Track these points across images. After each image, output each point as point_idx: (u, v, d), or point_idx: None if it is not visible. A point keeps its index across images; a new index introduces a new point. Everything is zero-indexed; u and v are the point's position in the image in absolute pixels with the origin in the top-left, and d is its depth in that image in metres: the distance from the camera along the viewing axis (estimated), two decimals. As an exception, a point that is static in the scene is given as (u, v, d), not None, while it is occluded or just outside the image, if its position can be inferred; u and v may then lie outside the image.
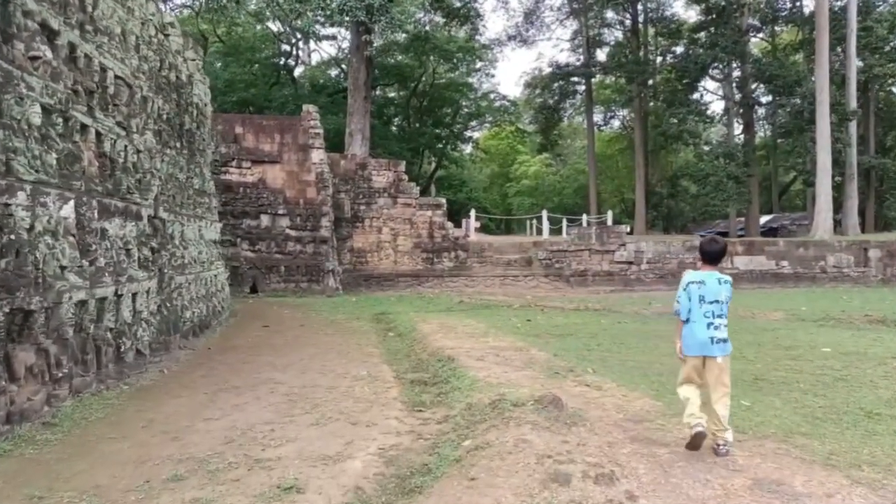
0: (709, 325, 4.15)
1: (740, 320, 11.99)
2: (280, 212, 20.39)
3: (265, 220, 20.32)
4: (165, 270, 9.16)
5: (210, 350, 9.31)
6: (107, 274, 6.79)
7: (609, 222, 27.30)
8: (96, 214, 6.69)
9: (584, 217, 31.15)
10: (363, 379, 7.04)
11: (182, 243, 10.43)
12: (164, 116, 10.25)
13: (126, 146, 8.32)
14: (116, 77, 8.20)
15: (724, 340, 4.18)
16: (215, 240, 13.56)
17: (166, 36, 10.99)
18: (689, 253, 22.27)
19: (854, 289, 20.88)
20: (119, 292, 7.12)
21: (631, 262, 22.21)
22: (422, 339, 9.75)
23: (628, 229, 24.75)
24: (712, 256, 4.35)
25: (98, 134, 7.50)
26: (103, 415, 5.57)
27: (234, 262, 19.40)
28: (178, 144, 10.96)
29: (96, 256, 6.62)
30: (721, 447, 4.07)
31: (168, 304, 9.11)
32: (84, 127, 7.13)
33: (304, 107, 21.70)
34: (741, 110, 38.28)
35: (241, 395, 6.35)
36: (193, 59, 12.78)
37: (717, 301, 4.18)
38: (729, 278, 4.36)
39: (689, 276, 4.32)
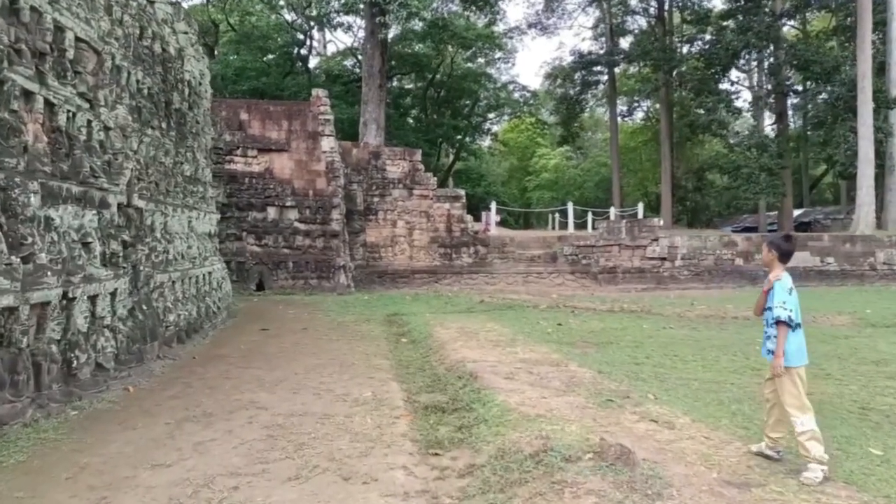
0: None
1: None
2: (288, 204, 19.10)
3: (272, 212, 19.04)
4: (141, 267, 7.88)
5: (194, 360, 8.03)
6: (50, 273, 5.50)
7: (639, 216, 25.74)
8: (33, 199, 5.40)
9: (612, 210, 29.57)
10: (366, 403, 5.70)
11: (165, 236, 9.15)
12: (145, 91, 8.97)
13: (90, 121, 7.04)
14: (78, 39, 6.91)
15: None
16: (210, 233, 12.28)
17: (150, 2, 9.71)
18: (727, 248, 20.69)
19: (909, 288, 19.20)
20: (70, 295, 5.84)
21: (664, 259, 20.65)
22: (438, 347, 8.41)
23: (660, 223, 23.20)
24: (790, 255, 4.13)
25: (50, 104, 6.24)
26: (25, 457, 4.28)
27: (240, 258, 18.19)
28: (163, 125, 9.67)
29: (34, 251, 5.34)
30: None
31: (144, 307, 7.83)
32: (28, 93, 5.86)
33: (314, 91, 20.31)
34: (772, 99, 36.38)
35: (211, 425, 5.04)
36: (185, 33, 11.49)
37: None
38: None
39: (788, 278, 4.03)
